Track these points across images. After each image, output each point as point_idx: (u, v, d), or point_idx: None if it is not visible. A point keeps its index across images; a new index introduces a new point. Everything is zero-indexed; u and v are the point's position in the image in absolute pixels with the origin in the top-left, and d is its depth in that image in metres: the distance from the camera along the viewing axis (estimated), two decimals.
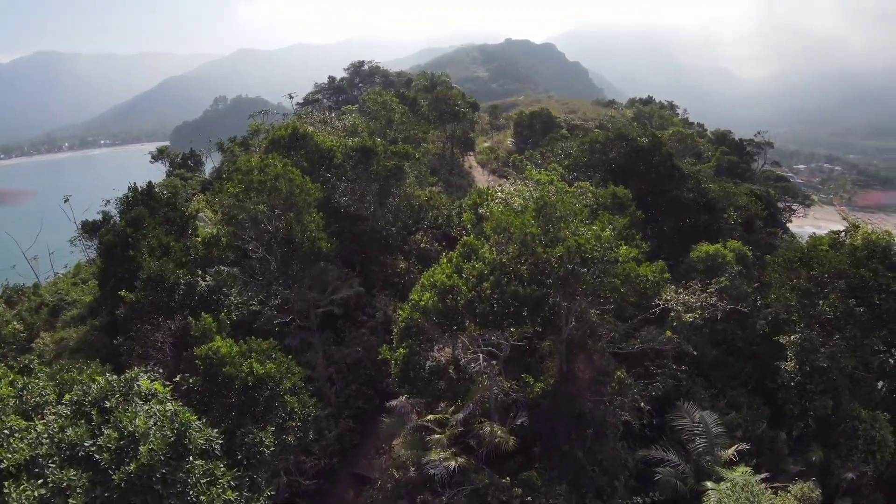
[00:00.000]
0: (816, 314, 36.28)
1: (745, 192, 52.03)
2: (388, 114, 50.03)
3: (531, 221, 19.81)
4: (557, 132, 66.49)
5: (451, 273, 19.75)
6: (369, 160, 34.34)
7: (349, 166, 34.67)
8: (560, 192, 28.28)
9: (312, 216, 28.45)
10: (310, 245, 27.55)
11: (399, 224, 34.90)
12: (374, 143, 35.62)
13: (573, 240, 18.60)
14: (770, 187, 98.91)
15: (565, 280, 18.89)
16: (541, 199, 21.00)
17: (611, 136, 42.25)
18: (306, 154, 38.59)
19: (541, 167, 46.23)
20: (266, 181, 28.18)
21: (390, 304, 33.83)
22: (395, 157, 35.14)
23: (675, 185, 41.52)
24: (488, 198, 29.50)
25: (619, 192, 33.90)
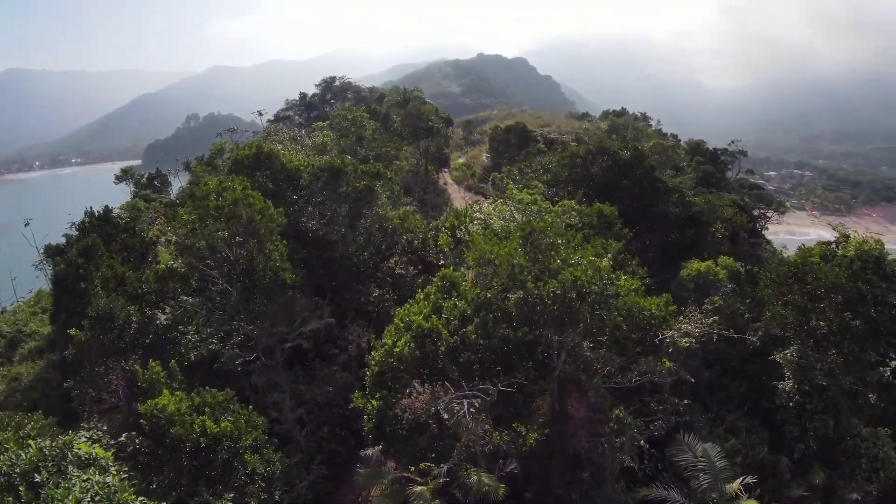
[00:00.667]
0: (812, 330, 34.86)
1: (728, 203, 50.75)
2: (359, 130, 47.65)
3: (518, 250, 17.62)
4: (534, 146, 64.68)
5: (429, 313, 17.41)
6: (338, 181, 32.00)
7: (317, 188, 32.26)
8: (544, 212, 26.33)
9: (275, 244, 25.98)
10: (273, 276, 25.06)
11: (371, 249, 32.46)
12: (343, 163, 33.27)
13: (568, 272, 16.38)
14: (745, 195, 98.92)
15: (560, 318, 16.70)
16: (527, 225, 18.78)
17: (592, 150, 40.51)
18: (272, 175, 36.20)
19: (520, 184, 44.32)
20: (223, 207, 25.70)
21: (364, 335, 31.42)
22: (365, 176, 32.79)
23: (660, 199, 39.91)
24: (466, 219, 27.39)
25: (606, 209, 32.03)
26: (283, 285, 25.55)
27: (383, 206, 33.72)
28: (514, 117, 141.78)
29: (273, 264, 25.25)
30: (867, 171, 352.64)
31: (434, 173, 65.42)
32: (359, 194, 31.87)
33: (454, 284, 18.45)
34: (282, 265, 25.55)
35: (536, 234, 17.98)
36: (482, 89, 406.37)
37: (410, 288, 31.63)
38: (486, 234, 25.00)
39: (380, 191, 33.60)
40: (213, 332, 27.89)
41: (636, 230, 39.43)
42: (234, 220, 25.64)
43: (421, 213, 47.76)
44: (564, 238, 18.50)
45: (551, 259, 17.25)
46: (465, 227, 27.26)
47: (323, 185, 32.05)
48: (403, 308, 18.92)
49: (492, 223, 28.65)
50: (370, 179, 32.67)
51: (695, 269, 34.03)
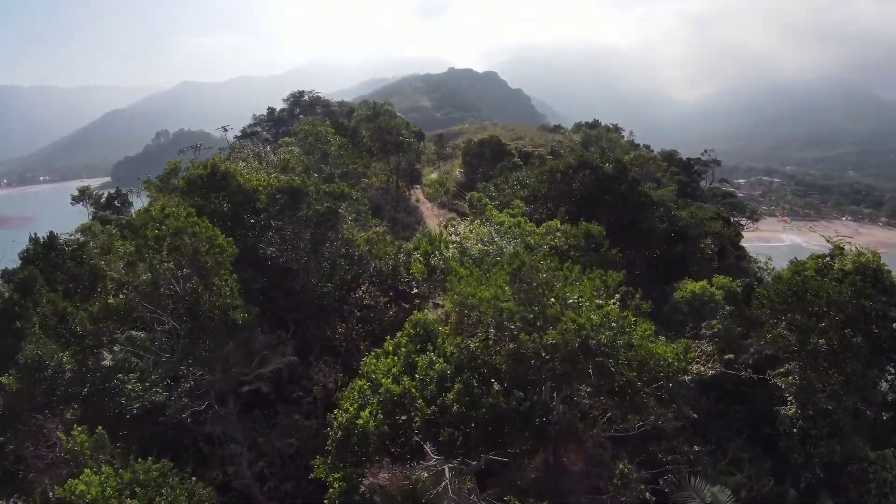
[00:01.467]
0: (813, 350, 32.82)
1: (712, 215, 48.83)
2: (324, 147, 44.92)
3: (505, 289, 14.80)
4: (509, 160, 62.18)
5: (400, 371, 14.35)
6: (297, 203, 28.96)
7: (274, 211, 29.19)
8: (528, 234, 23.70)
9: (225, 278, 22.82)
10: (221, 316, 21.92)
11: (336, 279, 29.40)
12: (304, 183, 30.22)
13: (569, 318, 13.55)
14: (718, 204, 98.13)
15: (562, 376, 13.86)
16: (516, 258, 15.88)
17: (573, 163, 38.11)
18: (229, 196, 33.09)
19: (497, 201, 41.73)
20: (163, 237, 22.54)
21: (331, 374, 28.25)
22: (328, 198, 29.70)
23: (646, 214, 37.67)
24: (441, 245, 24.60)
25: (594, 229, 29.53)
26: (234, 326, 22.38)
27: (349, 229, 30.65)
28: (487, 131, 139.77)
29: (222, 302, 22.10)
30: (835, 175, 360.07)
31: (405, 190, 62.25)
32: (321, 218, 28.82)
33: (430, 334, 15.39)
34: (232, 302, 22.41)
35: (527, 270, 15.20)
36: (454, 103, 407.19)
37: (380, 322, 28.67)
38: (464, 262, 22.28)
39: (345, 213, 30.55)
40: (158, 380, 24.58)
41: (621, 247, 37.21)
42: (177, 252, 22.44)
43: (392, 233, 44.87)
44: (561, 273, 15.73)
45: (546, 300, 14.45)
46: (440, 254, 24.50)
47: (281, 208, 28.97)
48: (369, 359, 15.84)
49: (469, 247, 25.96)
50: (334, 201, 29.58)
51: (689, 291, 31.69)
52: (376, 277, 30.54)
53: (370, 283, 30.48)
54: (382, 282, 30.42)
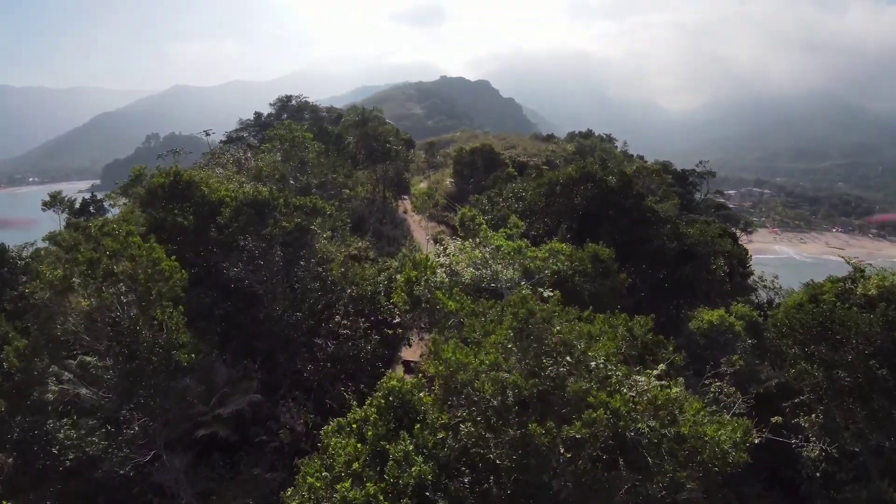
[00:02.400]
0: (839, 386, 29.69)
1: (718, 232, 45.65)
2: (301, 153, 41.11)
3: (509, 352, 11.26)
4: (503, 171, 58.88)
5: (363, 464, 10.40)
6: (263, 219, 25.46)
7: (237, 227, 25.64)
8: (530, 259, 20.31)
9: (169, 311, 19.24)
10: (163, 357, 18.36)
11: (305, 307, 25.85)
12: (272, 195, 26.71)
13: (601, 403, 9.81)
14: (712, 216, 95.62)
15: (590, 486, 10.15)
16: (522, 312, 12.15)
17: (574, 175, 34.79)
18: (193, 207, 29.60)
19: (490, 215, 38.36)
20: (97, 261, 18.97)
21: (300, 414, 24.65)
22: (298, 212, 26.15)
23: (653, 232, 34.50)
24: (426, 271, 21.19)
25: (602, 252, 26.21)
26: (179, 368, 18.81)
27: (323, 248, 27.06)
28: (478, 139, 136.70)
29: (165, 339, 18.54)
30: (824, 187, 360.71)
31: (392, 201, 58.76)
32: (288, 237, 25.28)
33: (408, 407, 11.63)
34: (177, 339, 18.84)
35: (536, 323, 11.71)
36: (445, 111, 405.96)
37: (356, 359, 25.11)
38: (453, 294, 18.86)
39: (319, 230, 26.98)
40: (95, 426, 20.94)
41: (626, 267, 34.00)
42: (112, 279, 18.86)
43: (376, 248, 41.46)
44: (580, 325, 12.22)
45: (562, 367, 10.92)
46: (426, 282, 21.10)
47: (244, 225, 25.43)
48: (328, 431, 12.06)
49: (460, 271, 22.60)
50: (305, 217, 26.06)
51: (706, 321, 28.38)
52: (352, 306, 26.87)
53: (345, 312, 26.78)
54: (359, 312, 26.77)
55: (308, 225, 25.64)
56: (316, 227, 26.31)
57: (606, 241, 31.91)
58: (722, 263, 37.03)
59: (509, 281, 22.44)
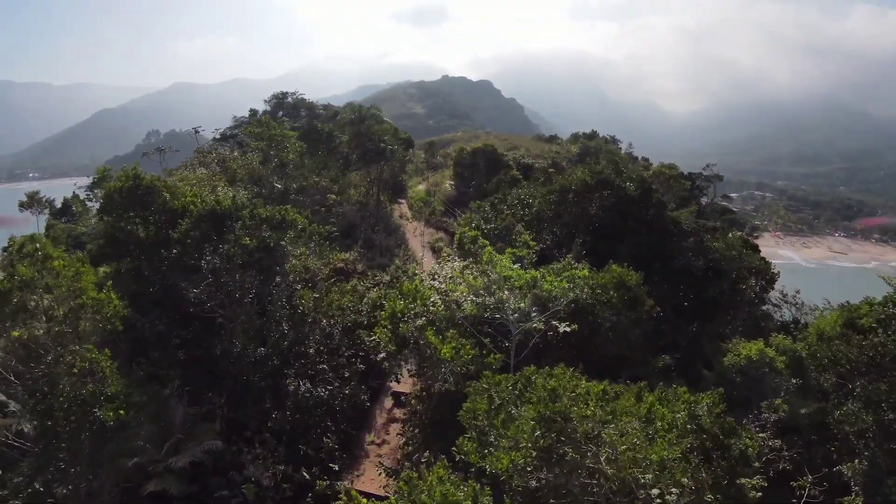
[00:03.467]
0: (887, 430, 25.85)
1: (738, 242, 41.50)
2: (280, 153, 36.40)
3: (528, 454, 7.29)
4: (507, 173, 54.73)
5: None
6: (222, 234, 21.39)
7: (192, 243, 21.59)
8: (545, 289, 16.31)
9: (91, 354, 15.18)
10: (84, 414, 14.32)
11: (271, 342, 21.71)
12: (234, 205, 22.61)
13: None
14: (718, 220, 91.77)
15: None
16: (548, 400, 8.12)
17: (590, 181, 30.70)
18: (156, 215, 25.63)
19: (493, 223, 34.29)
20: (6, 293, 14.95)
21: (268, 464, 20.58)
22: (265, 225, 21.97)
23: (678, 248, 30.45)
24: (416, 302, 17.19)
25: (628, 277, 22.14)
26: (104, 428, 14.73)
27: (294, 269, 22.90)
28: (480, 139, 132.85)
29: (88, 391, 14.51)
30: (825, 191, 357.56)
31: (387, 205, 54.60)
32: (250, 257, 21.14)
33: None
34: (103, 391, 14.79)
35: (563, 425, 7.78)
36: (447, 111, 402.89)
37: (330, 407, 20.99)
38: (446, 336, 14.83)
39: (290, 245, 22.81)
40: (21, 485, 16.87)
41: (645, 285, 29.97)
42: (25, 314, 14.83)
43: (366, 259, 37.41)
44: (627, 425, 8.30)
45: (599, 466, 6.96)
46: (415, 315, 17.12)
47: (200, 240, 21.37)
48: None
49: (461, 301, 18.57)
50: (273, 231, 21.95)
51: (745, 357, 24.39)
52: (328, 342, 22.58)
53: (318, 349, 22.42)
54: (334, 350, 22.46)
55: (275, 241, 21.50)
56: (287, 242, 22.18)
57: (625, 256, 27.99)
58: (753, 283, 33.01)
59: (517, 310, 18.49)
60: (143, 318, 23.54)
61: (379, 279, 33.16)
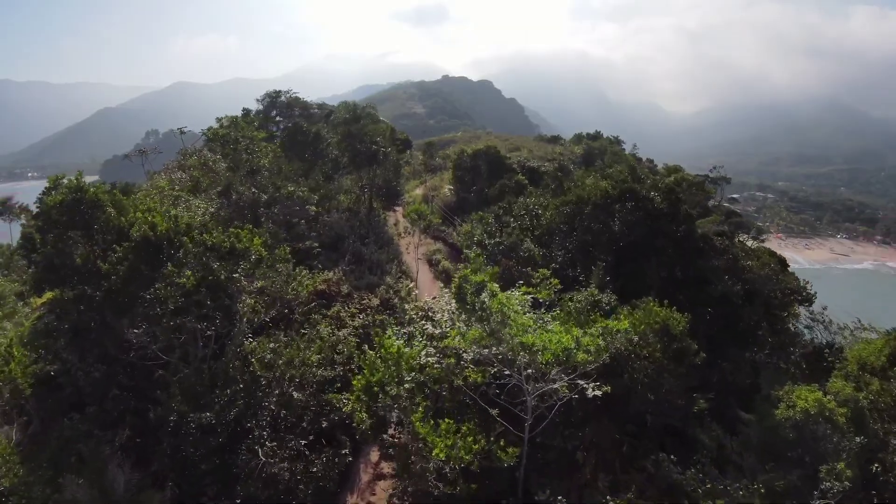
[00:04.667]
0: None
1: (767, 258, 37.20)
2: (250, 158, 30.85)
3: None
4: (511, 178, 50.14)
5: None
6: (156, 265, 17.04)
7: (120, 278, 17.27)
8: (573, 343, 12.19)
9: None
10: None
11: (216, 409, 17.02)
12: (174, 228, 18.22)
13: None
14: (724, 223, 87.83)
15: None
16: None
17: (612, 192, 26.40)
18: (101, 232, 21.38)
19: (496, 237, 30.01)
20: None
21: None
22: (209, 255, 17.36)
23: (712, 269, 26.16)
24: (401, 365, 12.96)
25: (674, 324, 17.84)
26: None
27: (249, 310, 18.30)
28: (480, 140, 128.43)
29: None
30: (826, 192, 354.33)
31: (380, 212, 49.81)
32: (187, 297, 16.67)
33: None
34: None
35: None
36: (447, 111, 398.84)
37: (287, 483, 16.45)
38: (438, 430, 10.61)
39: (244, 278, 18.30)
40: None
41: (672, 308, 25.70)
42: None
43: (353, 275, 32.93)
44: None
45: None
46: (398, 387, 12.88)
47: (129, 276, 17.05)
48: None
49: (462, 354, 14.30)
50: (221, 263, 17.45)
51: (800, 410, 20.06)
52: (283, 419, 17.46)
53: (272, 422, 17.30)
54: (292, 428, 17.44)
55: (227, 274, 17.09)
56: (242, 273, 17.78)
57: (652, 279, 23.80)
58: (795, 309, 28.83)
59: (531, 364, 14.26)
60: (79, 362, 19.38)
61: (367, 303, 28.79)
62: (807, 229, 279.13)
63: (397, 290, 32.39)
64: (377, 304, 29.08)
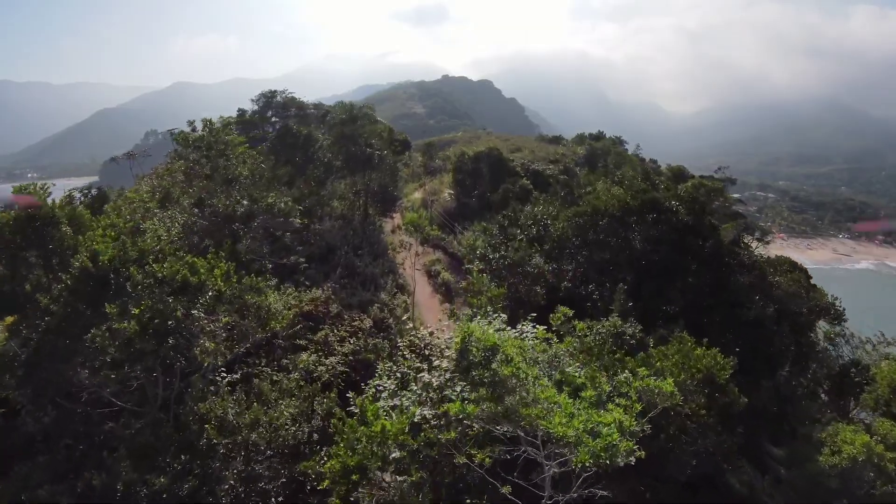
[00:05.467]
0: None
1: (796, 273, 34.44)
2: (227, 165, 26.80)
3: None
4: (515, 182, 47.41)
5: None
6: (98, 301, 14.24)
7: (57, 317, 14.51)
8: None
9: None
10: None
11: (163, 484, 13.43)
12: (124, 253, 15.40)
13: None
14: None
15: None
16: None
17: (631, 203, 23.67)
18: (56, 255, 18.76)
19: (500, 251, 27.29)
20: None
21: None
22: (161, 289, 14.35)
23: (740, 288, 23.49)
24: (387, 444, 10.23)
25: (720, 371, 15.11)
26: None
27: (203, 354, 15.28)
28: (481, 140, 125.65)
29: None
30: (827, 192, 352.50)
31: (376, 220, 46.75)
32: (128, 345, 13.81)
33: None
34: None
35: None
36: (447, 111, 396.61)
37: None
38: None
39: (202, 313, 15.37)
40: None
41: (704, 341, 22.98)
42: None
43: (344, 293, 30.16)
44: None
45: None
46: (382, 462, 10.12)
47: (69, 315, 14.27)
48: None
49: (464, 419, 11.52)
50: (175, 298, 14.60)
51: (847, 453, 17.39)
52: (245, 495, 14.20)
53: None
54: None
55: (179, 312, 14.19)
56: (199, 310, 14.95)
57: (677, 301, 21.14)
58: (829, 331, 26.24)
59: (552, 435, 11.46)
60: (31, 404, 16.69)
61: (358, 324, 26.01)
62: (808, 229, 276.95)
63: (392, 308, 29.67)
64: (370, 325, 26.31)
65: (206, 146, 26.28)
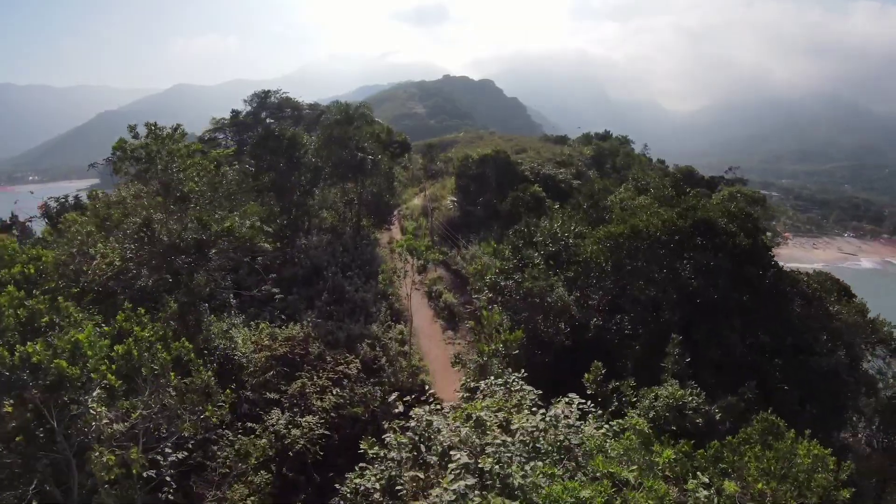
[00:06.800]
0: None
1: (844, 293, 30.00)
2: (172, 182, 21.44)
3: None
4: (525, 189, 42.86)
5: None
6: None
7: None
8: None
9: None
10: None
11: None
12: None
13: None
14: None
15: None
16: None
17: (678, 223, 19.29)
18: None
19: (516, 275, 22.98)
20: None
21: None
22: (35, 382, 9.85)
23: (806, 327, 19.27)
24: None
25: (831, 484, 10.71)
26: None
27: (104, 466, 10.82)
28: (483, 140, 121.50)
29: None
30: (830, 189, 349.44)
31: (369, 232, 42.02)
32: None
33: None
34: None
35: None
36: (448, 111, 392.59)
37: None
38: None
39: (96, 410, 10.68)
40: None
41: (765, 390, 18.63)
42: None
43: (333, 323, 25.83)
44: None
45: None
46: None
47: None
48: None
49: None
50: (49, 394, 10.12)
51: None
52: None
53: None
54: None
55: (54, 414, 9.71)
56: (95, 401, 10.52)
57: (736, 346, 16.85)
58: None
59: None
60: None
61: (343, 369, 21.65)
62: (813, 228, 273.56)
63: (385, 345, 25.30)
64: (357, 370, 21.92)
65: (146, 157, 21.67)
